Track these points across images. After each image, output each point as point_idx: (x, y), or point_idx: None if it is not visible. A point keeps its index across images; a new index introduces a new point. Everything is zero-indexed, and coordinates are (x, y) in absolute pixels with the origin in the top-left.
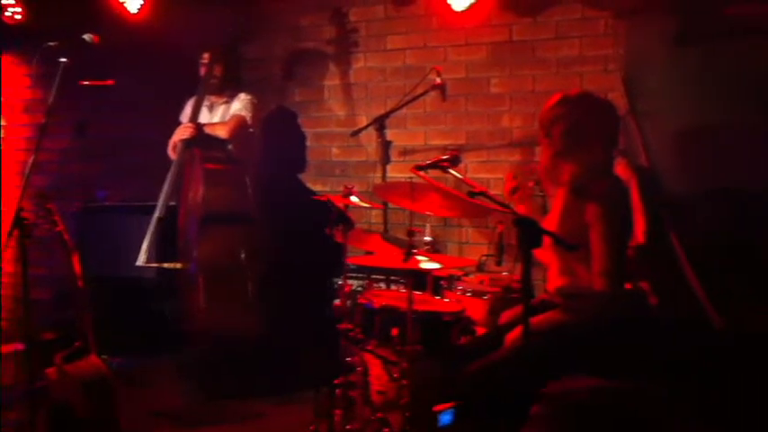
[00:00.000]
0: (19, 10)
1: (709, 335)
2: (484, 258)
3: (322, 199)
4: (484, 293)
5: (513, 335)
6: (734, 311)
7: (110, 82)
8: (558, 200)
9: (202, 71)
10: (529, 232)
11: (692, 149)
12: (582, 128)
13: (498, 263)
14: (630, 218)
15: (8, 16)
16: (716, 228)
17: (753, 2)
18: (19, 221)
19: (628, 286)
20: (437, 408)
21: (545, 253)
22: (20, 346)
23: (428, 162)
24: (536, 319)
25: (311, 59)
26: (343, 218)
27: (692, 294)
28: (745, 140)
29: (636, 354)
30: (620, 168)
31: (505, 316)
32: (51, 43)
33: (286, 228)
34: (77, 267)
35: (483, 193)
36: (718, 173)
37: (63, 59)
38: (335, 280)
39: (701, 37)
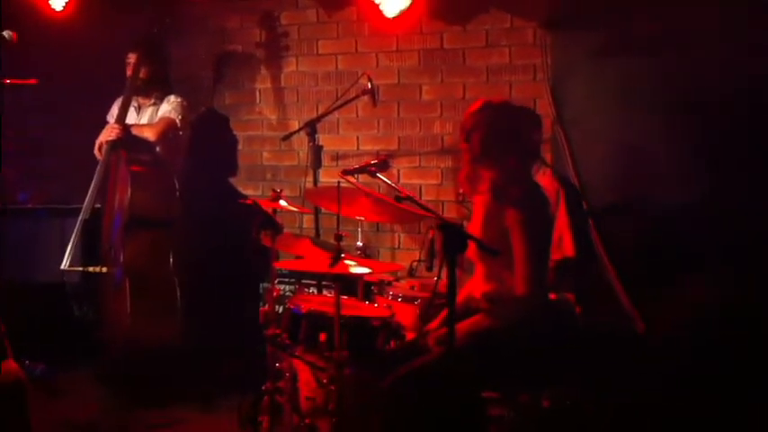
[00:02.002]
0: None
1: (633, 340)
2: (415, 264)
3: (248, 202)
4: (414, 299)
5: (439, 339)
6: (656, 317)
7: (32, 81)
8: (479, 206)
9: (128, 71)
10: (452, 237)
11: (617, 159)
12: (499, 135)
13: (429, 268)
14: (551, 224)
15: None
16: (639, 237)
17: (656, 21)
18: None
19: (553, 296)
20: None
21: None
22: None
23: (356, 167)
24: (462, 324)
25: (241, 62)
26: (270, 222)
27: (617, 302)
28: (666, 151)
29: (561, 361)
30: (547, 180)
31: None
32: None
33: (214, 232)
34: None
35: (410, 198)
36: (642, 182)
37: None
38: (263, 284)
39: (621, 50)
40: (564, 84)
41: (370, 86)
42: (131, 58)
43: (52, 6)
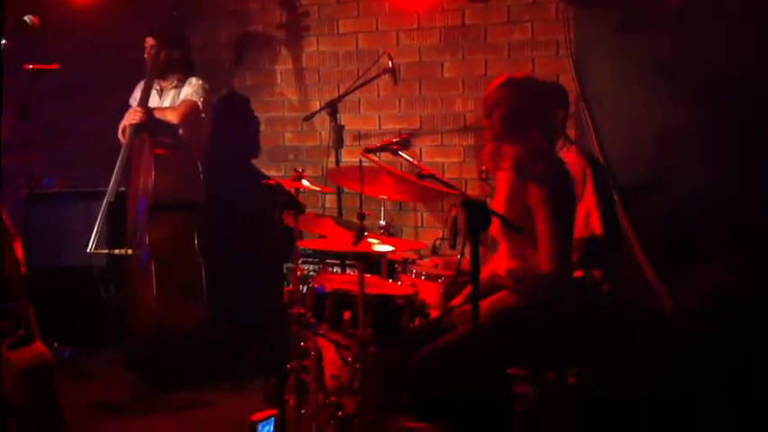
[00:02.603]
0: None
1: (660, 317)
2: (438, 242)
3: (270, 183)
4: (438, 277)
5: (463, 317)
6: (683, 294)
7: (55, 66)
8: (502, 183)
9: (147, 55)
10: (475, 214)
11: (642, 135)
12: (520, 111)
13: (452, 246)
14: (574, 201)
15: None
16: (666, 213)
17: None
18: None
19: (579, 274)
20: (255, 417)
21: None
22: None
23: (378, 145)
24: (486, 301)
25: (261, 43)
26: (293, 202)
27: (644, 278)
28: (692, 126)
29: (587, 338)
30: (572, 157)
31: (457, 299)
32: None
33: (237, 213)
34: (20, 254)
35: (432, 176)
36: (669, 158)
37: (2, 41)
38: (287, 264)
39: (645, 24)
40: (587, 59)
41: (390, 65)
42: (150, 41)
43: None
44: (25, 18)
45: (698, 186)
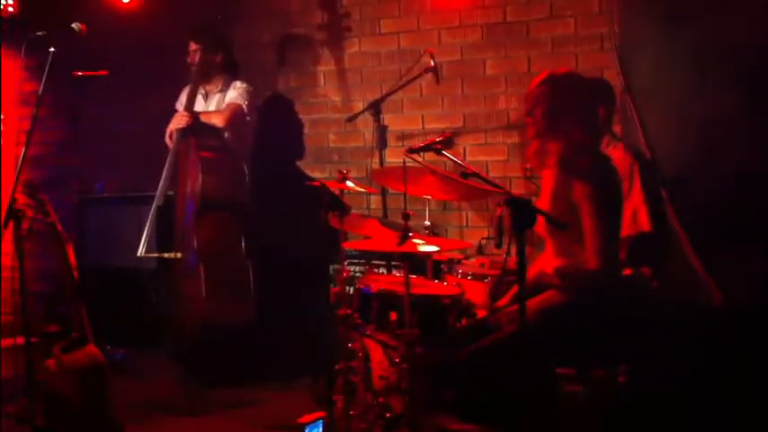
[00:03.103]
0: (11, 2)
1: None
2: (484, 241)
3: (315, 184)
4: (484, 276)
5: (510, 316)
6: (733, 289)
7: (103, 72)
8: (547, 180)
9: (192, 60)
10: (520, 212)
11: (690, 129)
12: (562, 107)
13: (498, 245)
14: (621, 196)
15: (1, 9)
16: (715, 209)
17: None
18: (12, 214)
19: (628, 272)
20: (303, 420)
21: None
22: (21, 340)
23: (421, 145)
24: (533, 301)
25: (303, 45)
26: (338, 203)
27: (694, 274)
28: (741, 120)
29: (637, 336)
30: (619, 153)
31: (504, 298)
32: (39, 33)
33: (283, 215)
34: (72, 259)
35: (476, 174)
36: (717, 153)
37: (52, 49)
38: (333, 266)
39: (689, 17)
40: (632, 52)
41: (432, 64)
42: (194, 46)
43: None
44: (73, 26)
45: (746, 178)
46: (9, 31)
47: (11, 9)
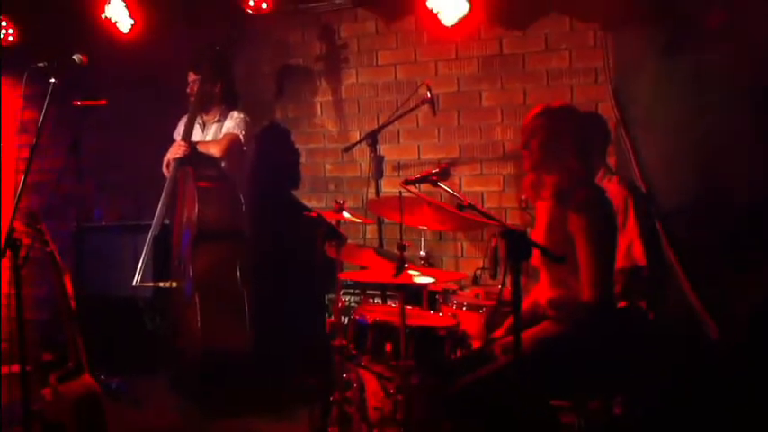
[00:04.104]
0: (11, 31)
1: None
2: (479, 272)
3: (312, 215)
4: (479, 307)
5: (505, 347)
6: (730, 322)
7: (102, 102)
8: (542, 212)
9: (191, 90)
10: (515, 244)
11: (685, 161)
12: (558, 140)
13: (493, 276)
14: (615, 228)
15: (1, 38)
16: (711, 241)
17: (733, 11)
18: (10, 242)
19: (624, 305)
20: None
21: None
22: (16, 368)
23: (417, 176)
24: (528, 332)
25: (301, 76)
26: (334, 233)
27: (689, 307)
28: (735, 150)
29: (632, 367)
30: (614, 186)
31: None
32: (40, 64)
33: (279, 244)
34: (69, 288)
35: (472, 206)
36: (712, 184)
37: (52, 80)
38: (328, 295)
39: (688, 46)
40: (627, 85)
41: (429, 96)
42: (193, 76)
43: (120, 29)
44: (74, 57)
45: (744, 212)
46: (9, 59)
47: (11, 38)
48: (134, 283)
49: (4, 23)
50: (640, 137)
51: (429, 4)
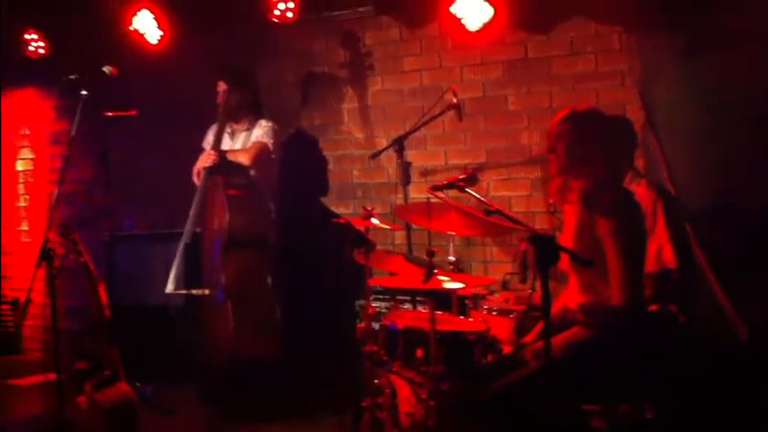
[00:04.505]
0: (42, 44)
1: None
2: (508, 276)
3: (340, 221)
4: (509, 312)
5: (536, 352)
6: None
7: (133, 112)
8: (570, 216)
9: (219, 99)
10: (544, 249)
11: (714, 162)
12: (585, 143)
13: (522, 280)
14: (644, 231)
15: (32, 50)
16: (741, 242)
17: (746, 15)
18: (45, 253)
19: (655, 308)
20: None
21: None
22: (52, 376)
23: (445, 182)
24: (558, 337)
25: (327, 83)
26: (363, 240)
27: (720, 309)
28: (764, 150)
29: (664, 371)
30: (642, 190)
31: (530, 334)
32: (71, 77)
33: (309, 251)
34: (104, 297)
35: (499, 212)
36: (742, 186)
37: (83, 92)
38: (359, 302)
39: (712, 48)
40: (654, 87)
41: (455, 101)
42: (221, 86)
43: (148, 40)
44: (104, 69)
45: None
46: (39, 72)
47: (41, 51)
48: (167, 291)
49: (33, 37)
50: (667, 139)
51: (453, 10)
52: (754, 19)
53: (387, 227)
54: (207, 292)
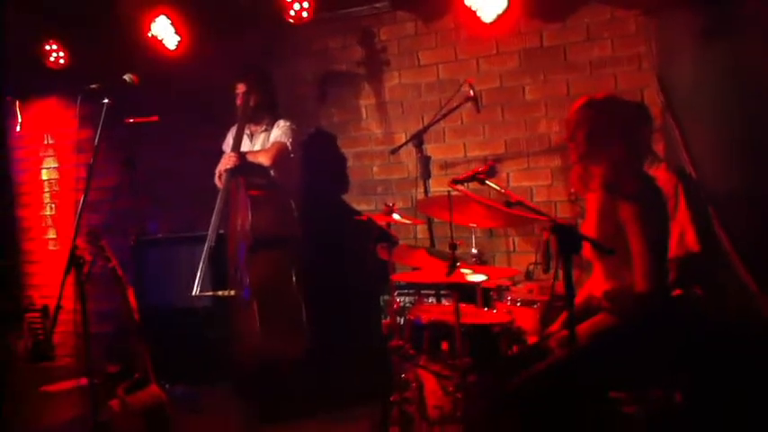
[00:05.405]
0: (62, 54)
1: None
2: (531, 266)
3: (363, 219)
4: (533, 302)
5: (561, 342)
6: None
7: (154, 118)
8: (592, 204)
9: (238, 101)
10: (566, 239)
11: (734, 143)
12: (604, 130)
13: (546, 270)
14: (667, 216)
15: (52, 61)
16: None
17: None
18: (74, 260)
19: (679, 292)
20: None
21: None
22: (83, 381)
23: (465, 175)
24: (583, 326)
25: (344, 80)
26: (385, 236)
27: (745, 289)
28: None
29: (689, 355)
30: (662, 173)
31: (555, 324)
32: (93, 86)
33: (332, 248)
34: (133, 301)
35: (520, 203)
36: (760, 167)
37: (105, 100)
38: (383, 297)
39: (730, 28)
40: (672, 70)
41: (472, 93)
42: (240, 88)
43: (166, 46)
44: (125, 77)
45: None
46: (61, 82)
47: (62, 61)
48: (193, 293)
49: (54, 47)
50: (688, 121)
51: (467, 2)
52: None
53: (408, 222)
54: (233, 292)
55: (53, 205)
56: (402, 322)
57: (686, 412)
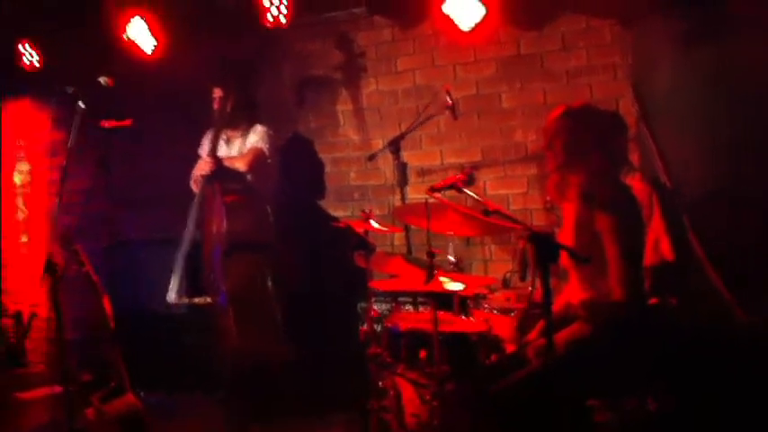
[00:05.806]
0: (35, 55)
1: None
2: (508, 274)
3: (340, 226)
4: (510, 310)
5: (539, 350)
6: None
7: (127, 122)
8: (569, 212)
9: (215, 105)
10: (543, 248)
11: (709, 152)
12: (582, 139)
13: (523, 278)
14: (642, 226)
15: (26, 63)
16: (738, 231)
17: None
18: (50, 267)
19: (654, 301)
20: None
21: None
22: (57, 389)
23: (442, 184)
24: (560, 334)
25: (322, 86)
26: (362, 243)
27: (719, 298)
28: (763, 140)
29: (665, 363)
30: (638, 183)
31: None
32: (68, 89)
33: (308, 254)
34: (108, 308)
35: (497, 212)
36: (737, 174)
37: (80, 104)
38: (360, 304)
39: (708, 36)
40: (647, 79)
41: (450, 101)
42: (217, 92)
43: (142, 49)
44: (100, 79)
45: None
46: (34, 83)
47: (36, 63)
48: (169, 300)
49: (27, 48)
50: (664, 129)
51: (445, 10)
52: (752, 2)
53: (385, 229)
54: (209, 300)
55: (25, 209)
56: (379, 330)
57: (660, 420)
